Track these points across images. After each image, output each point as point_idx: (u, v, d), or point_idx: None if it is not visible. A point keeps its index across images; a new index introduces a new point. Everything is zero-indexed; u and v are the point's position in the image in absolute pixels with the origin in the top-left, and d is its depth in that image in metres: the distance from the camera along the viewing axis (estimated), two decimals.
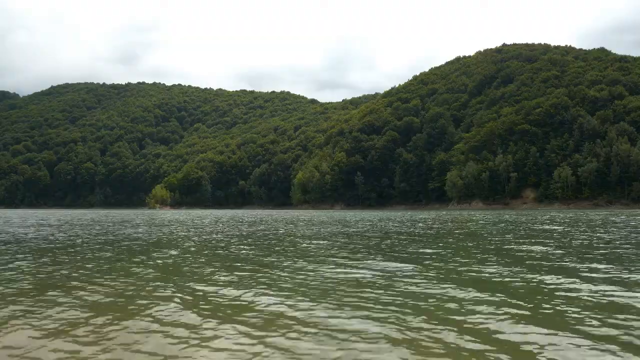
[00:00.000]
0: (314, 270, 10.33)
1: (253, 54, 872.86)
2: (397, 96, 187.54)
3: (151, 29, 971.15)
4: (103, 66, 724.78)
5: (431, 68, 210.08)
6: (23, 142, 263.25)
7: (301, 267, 10.79)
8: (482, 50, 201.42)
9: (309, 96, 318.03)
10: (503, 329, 5.56)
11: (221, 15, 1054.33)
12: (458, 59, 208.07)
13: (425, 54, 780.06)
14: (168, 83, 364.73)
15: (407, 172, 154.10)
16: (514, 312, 6.32)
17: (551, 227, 27.29)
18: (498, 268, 10.39)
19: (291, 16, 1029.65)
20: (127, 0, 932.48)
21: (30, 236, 22.20)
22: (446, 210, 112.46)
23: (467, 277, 9.25)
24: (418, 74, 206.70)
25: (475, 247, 15.94)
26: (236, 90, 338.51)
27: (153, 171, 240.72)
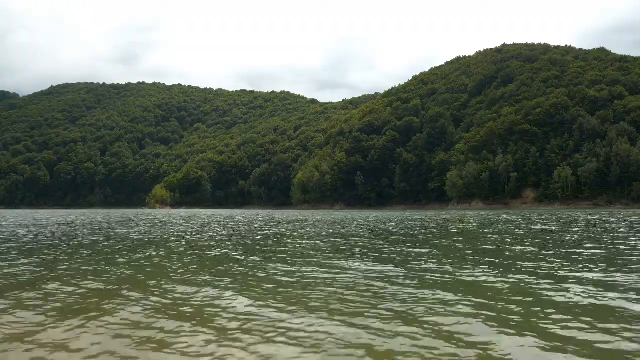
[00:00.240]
0: (292, 272, 10.19)
1: (253, 54, 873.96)
2: (397, 96, 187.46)
3: (151, 29, 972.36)
4: (103, 66, 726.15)
5: (431, 68, 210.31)
6: (23, 142, 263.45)
7: (281, 270, 10.65)
8: (482, 50, 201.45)
9: (309, 96, 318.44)
10: (475, 332, 5.46)
11: (221, 15, 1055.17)
12: (458, 59, 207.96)
13: (425, 54, 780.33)
14: (168, 83, 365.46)
15: (407, 172, 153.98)
16: (487, 315, 6.19)
17: (543, 228, 27.15)
18: (475, 269, 10.23)
19: (291, 16, 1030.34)
20: (127, 0, 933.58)
21: (17, 236, 22.10)
22: (446, 210, 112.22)
23: (444, 279, 9.10)
24: (418, 74, 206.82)
25: (459, 248, 15.82)
26: (236, 90, 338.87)
27: (153, 171, 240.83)
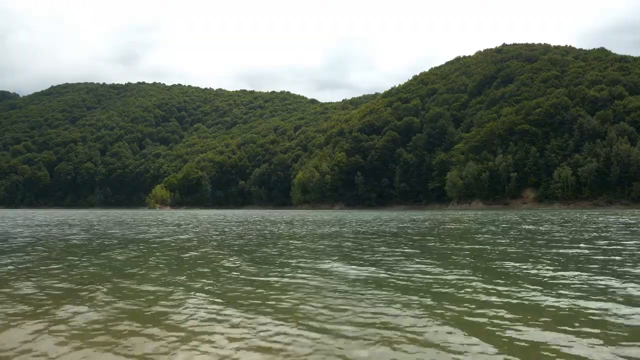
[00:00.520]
0: (270, 273, 9.91)
1: (253, 54, 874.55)
2: (397, 96, 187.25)
3: (151, 29, 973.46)
4: (103, 66, 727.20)
5: (431, 68, 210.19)
6: (23, 142, 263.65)
7: (260, 271, 10.38)
8: (482, 50, 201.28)
9: (309, 96, 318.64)
10: (449, 339, 5.20)
11: (221, 15, 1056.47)
12: (458, 59, 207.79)
13: (425, 54, 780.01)
14: (168, 83, 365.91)
15: (407, 172, 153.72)
16: (467, 320, 5.92)
17: (536, 228, 26.81)
18: (458, 270, 9.94)
19: (291, 16, 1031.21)
20: (127, 0, 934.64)
21: (3, 235, 21.82)
22: (446, 210, 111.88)
23: (424, 281, 8.78)
24: (418, 74, 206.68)
25: (445, 249, 15.48)
26: (236, 90, 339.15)
27: (153, 171, 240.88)
